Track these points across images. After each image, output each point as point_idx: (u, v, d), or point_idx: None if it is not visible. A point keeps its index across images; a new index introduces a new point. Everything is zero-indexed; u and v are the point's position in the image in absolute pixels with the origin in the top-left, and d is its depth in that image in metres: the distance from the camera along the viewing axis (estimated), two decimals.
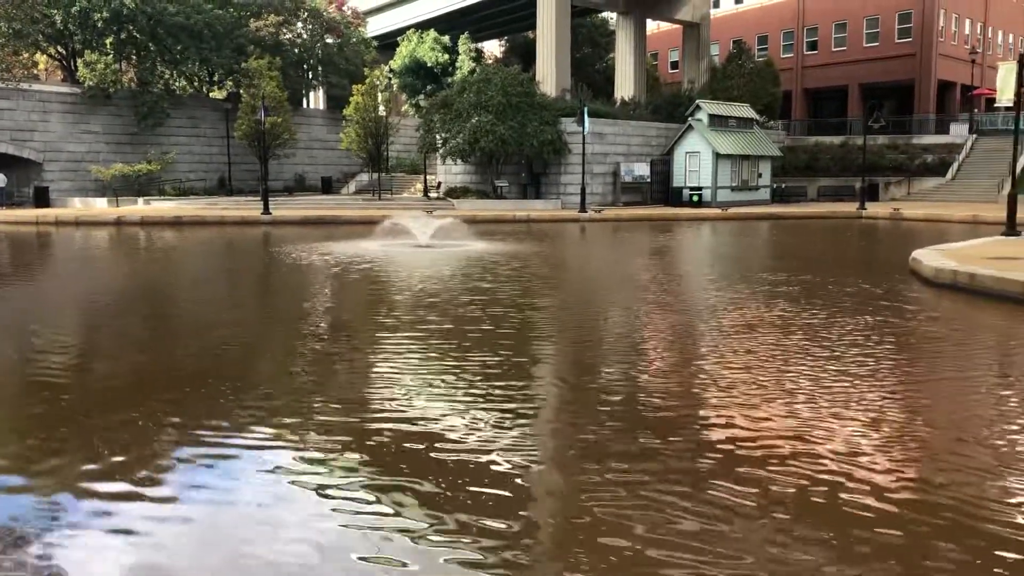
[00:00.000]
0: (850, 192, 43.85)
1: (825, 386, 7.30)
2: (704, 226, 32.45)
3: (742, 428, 6.10)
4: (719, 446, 5.73)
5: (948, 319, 11.63)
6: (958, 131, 49.88)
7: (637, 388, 7.45)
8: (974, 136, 48.02)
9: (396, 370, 8.00)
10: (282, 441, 5.83)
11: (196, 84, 50.97)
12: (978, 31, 60.25)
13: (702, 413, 6.60)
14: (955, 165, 46.16)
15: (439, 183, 45.86)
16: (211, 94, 51.46)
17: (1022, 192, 26.79)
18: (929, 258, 15.24)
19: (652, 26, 60.07)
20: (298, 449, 5.64)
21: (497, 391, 7.13)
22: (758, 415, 6.44)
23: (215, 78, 50.56)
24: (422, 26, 58.13)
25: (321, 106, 62.01)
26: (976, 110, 53.84)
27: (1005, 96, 25.30)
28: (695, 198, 41.27)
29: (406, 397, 6.96)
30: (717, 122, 42.24)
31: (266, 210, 33.35)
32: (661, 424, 6.29)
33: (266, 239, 26.16)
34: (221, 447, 5.71)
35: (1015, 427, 6.18)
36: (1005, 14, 63.65)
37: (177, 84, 49.60)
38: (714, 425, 6.24)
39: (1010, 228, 21.91)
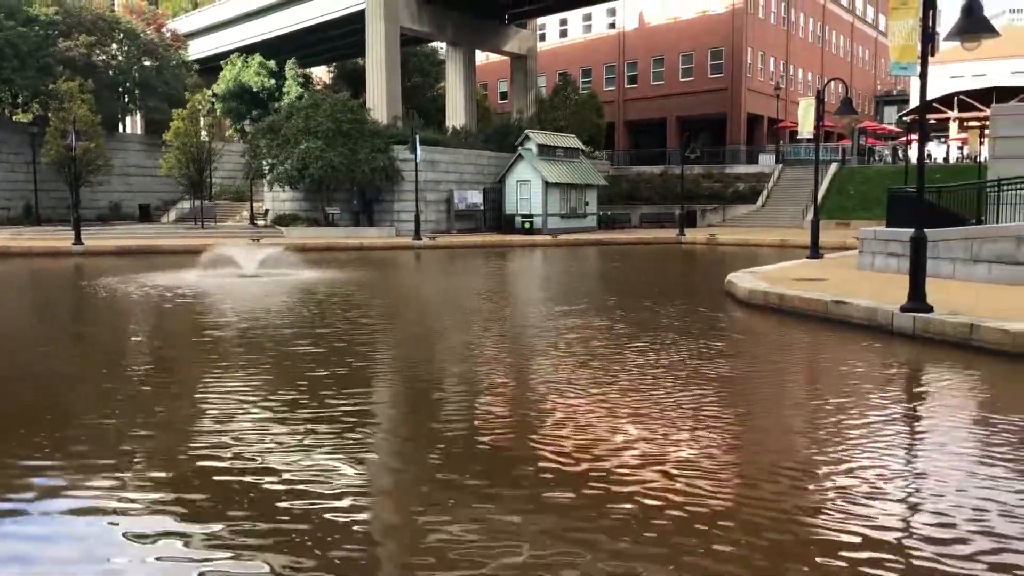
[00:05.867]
0: (670, 219, 45.94)
1: (642, 403, 7.53)
2: (536, 252, 33.08)
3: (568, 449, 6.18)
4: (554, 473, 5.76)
5: (759, 337, 12.31)
6: (766, 161, 53.51)
7: (449, 413, 7.41)
8: (781, 166, 51.64)
9: (217, 412, 7.59)
10: (99, 495, 5.38)
11: None
12: (781, 69, 65.00)
13: (530, 442, 6.63)
14: (764, 193, 49.42)
15: (266, 210, 44.57)
16: (15, 117, 47.91)
17: (823, 218, 28.94)
18: (743, 280, 16.14)
19: (482, 57, 61.14)
20: (115, 508, 5.22)
21: (323, 429, 6.92)
22: (568, 427, 6.55)
23: (19, 100, 47.13)
24: (247, 50, 56.50)
25: (139, 131, 59.08)
26: (782, 141, 57.97)
27: (806, 129, 27.36)
28: (527, 225, 42.06)
29: (228, 443, 6.61)
30: (546, 152, 43.32)
31: (78, 240, 31.37)
32: (492, 459, 6.27)
33: (78, 271, 24.49)
34: (31, 501, 5.21)
35: (818, 434, 6.58)
36: (803, 54, 69.07)
37: None
38: (543, 450, 6.27)
39: (814, 251, 23.61)
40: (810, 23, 70.54)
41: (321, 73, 68.21)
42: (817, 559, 4.27)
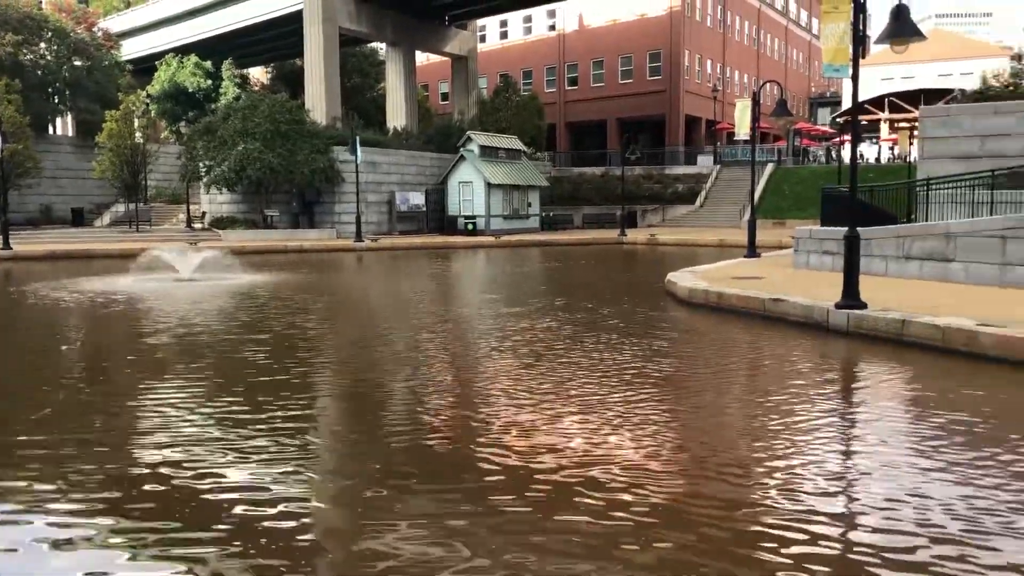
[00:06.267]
0: (612, 220, 46.39)
1: (587, 404, 7.55)
2: (479, 253, 33.06)
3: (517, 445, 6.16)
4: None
5: (700, 336, 12.46)
6: (704, 162, 54.35)
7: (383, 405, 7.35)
8: (718, 167, 52.48)
9: (152, 423, 7.41)
10: (30, 514, 5.20)
11: None
12: (718, 71, 66.07)
13: (478, 442, 6.60)
14: (703, 194, 50.16)
15: (203, 213, 43.81)
16: None
17: (760, 217, 29.45)
18: (683, 280, 16.35)
19: (422, 58, 60.96)
20: (50, 538, 5.05)
21: (263, 440, 6.80)
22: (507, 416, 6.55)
23: None
24: (182, 50, 55.46)
25: (70, 132, 57.54)
26: (719, 143, 58.93)
27: (742, 130, 27.89)
28: (470, 226, 42.05)
29: (165, 456, 6.45)
30: (488, 153, 43.37)
31: (6, 245, 30.51)
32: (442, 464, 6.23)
33: (6, 276, 23.74)
34: None
35: (762, 432, 6.68)
36: (739, 56, 70.37)
37: None
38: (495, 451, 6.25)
39: (751, 250, 24.02)
40: (746, 26, 71.87)
41: (259, 74, 67.28)
42: (765, 563, 4.32)
